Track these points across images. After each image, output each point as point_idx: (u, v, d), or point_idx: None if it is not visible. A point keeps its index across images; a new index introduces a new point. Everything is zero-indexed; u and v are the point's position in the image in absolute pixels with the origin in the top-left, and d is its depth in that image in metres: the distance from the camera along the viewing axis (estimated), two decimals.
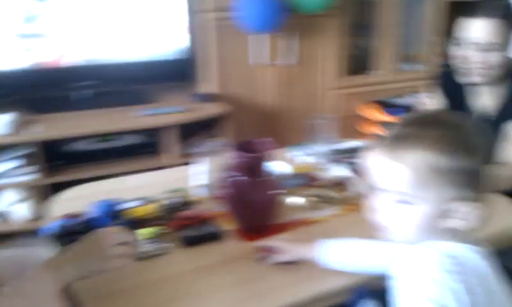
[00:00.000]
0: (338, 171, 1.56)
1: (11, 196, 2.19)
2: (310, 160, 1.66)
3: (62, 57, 2.36)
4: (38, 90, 2.42)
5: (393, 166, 0.79)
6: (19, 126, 2.13)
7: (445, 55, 1.81)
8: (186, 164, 1.54)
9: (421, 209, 0.79)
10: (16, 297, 0.80)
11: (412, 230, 0.82)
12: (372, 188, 0.85)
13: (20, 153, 2.17)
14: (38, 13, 2.24)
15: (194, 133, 2.57)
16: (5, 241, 2.18)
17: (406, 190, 0.79)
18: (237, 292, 1.02)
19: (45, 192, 2.17)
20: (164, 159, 2.43)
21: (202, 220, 1.23)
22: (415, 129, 0.81)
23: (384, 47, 3.05)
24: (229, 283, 1.05)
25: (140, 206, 1.28)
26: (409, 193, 0.79)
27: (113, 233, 0.95)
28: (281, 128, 2.89)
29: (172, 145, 2.41)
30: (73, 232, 1.14)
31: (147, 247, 1.11)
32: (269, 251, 1.12)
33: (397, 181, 0.80)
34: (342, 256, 1.07)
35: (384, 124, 2.87)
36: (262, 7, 2.42)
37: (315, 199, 1.40)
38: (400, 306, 0.80)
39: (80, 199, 1.35)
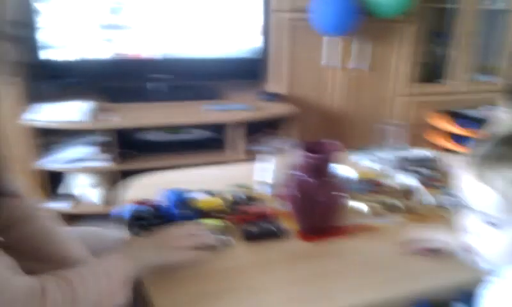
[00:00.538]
0: (404, 179, 1.53)
1: (84, 179, 2.33)
2: (375, 166, 1.64)
3: (141, 50, 2.48)
4: (116, 80, 2.56)
5: (482, 188, 0.77)
6: (97, 114, 2.26)
7: None
8: (251, 160, 1.57)
9: (510, 234, 0.76)
10: (101, 275, 0.85)
11: (500, 255, 0.79)
12: (463, 207, 0.82)
13: (95, 139, 2.30)
14: (122, 6, 2.36)
15: (260, 131, 2.61)
16: (76, 223, 2.32)
17: (495, 214, 0.76)
18: (293, 291, 1.03)
19: (115, 179, 2.29)
20: (229, 155, 2.49)
21: (264, 217, 1.25)
22: (506, 150, 0.77)
23: (460, 56, 2.94)
24: (287, 281, 1.07)
25: (205, 198, 1.33)
26: (497, 217, 0.76)
27: (188, 226, 1.04)
28: (347, 131, 2.86)
29: (238, 141, 2.46)
30: (142, 218, 1.20)
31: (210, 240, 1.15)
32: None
33: (486, 204, 0.77)
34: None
35: (456, 136, 2.77)
36: (338, 9, 2.41)
37: (378, 205, 1.38)
38: None
39: (149, 187, 1.41)
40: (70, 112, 2.19)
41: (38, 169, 2.21)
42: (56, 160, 2.23)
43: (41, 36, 2.28)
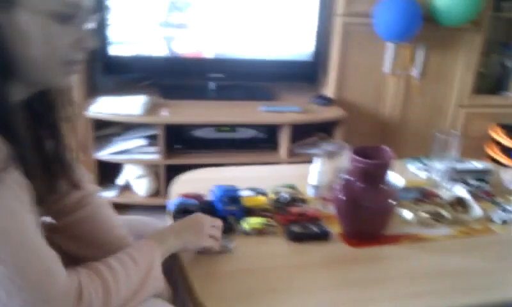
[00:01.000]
0: (457, 190, 1.48)
1: (132, 171, 2.41)
2: (426, 175, 1.60)
3: (197, 49, 2.53)
4: (171, 77, 2.63)
5: None
6: (150, 108, 2.34)
7: None
8: (299, 162, 1.57)
9: None
10: (132, 265, 0.87)
11: None
12: None
13: (147, 133, 2.38)
14: (181, 5, 2.43)
15: (311, 133, 2.61)
16: (122, 212, 2.41)
17: None
18: (335, 295, 1.03)
19: (163, 172, 2.36)
20: (278, 155, 2.50)
21: (310, 219, 1.25)
22: None
23: None
24: (329, 284, 1.06)
25: (252, 196, 1.34)
26: None
27: (209, 219, 1.08)
28: (399, 139, 2.81)
29: (286, 142, 2.47)
30: (187, 210, 1.23)
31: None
32: None
33: None
34: None
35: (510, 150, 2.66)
36: (402, 16, 2.38)
37: (425, 215, 1.35)
38: None
39: (197, 182, 1.45)
40: (126, 106, 2.27)
41: (93, 159, 2.31)
42: (109, 151, 2.32)
43: (109, 32, 2.38)
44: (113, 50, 2.43)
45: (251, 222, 1.20)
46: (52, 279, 0.72)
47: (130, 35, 2.43)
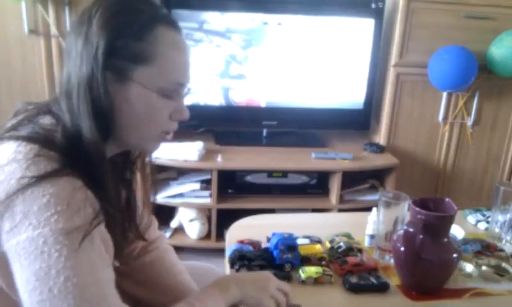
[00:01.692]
0: None
1: (186, 213, 2.47)
2: (486, 226, 1.56)
3: (249, 98, 2.62)
4: (225, 124, 2.71)
5: None
6: (205, 154, 2.42)
7: None
8: (349, 209, 1.57)
9: None
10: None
11: None
12: None
13: (201, 177, 2.45)
14: (241, 59, 2.53)
15: (360, 180, 2.60)
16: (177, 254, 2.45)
17: None
18: None
19: (215, 216, 2.41)
20: (328, 201, 2.50)
21: (368, 269, 1.24)
22: None
23: None
24: None
25: (308, 244, 1.35)
26: None
27: (276, 280, 1.03)
28: (452, 189, 2.75)
29: (337, 189, 2.47)
30: (244, 257, 1.24)
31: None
32: None
33: None
34: None
35: None
36: (455, 67, 2.38)
37: (489, 269, 1.30)
38: None
39: (252, 228, 1.47)
40: (182, 151, 2.37)
41: (153, 202, 2.38)
42: (165, 194, 2.40)
43: None
44: None
45: (307, 271, 1.21)
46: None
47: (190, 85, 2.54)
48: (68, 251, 0.69)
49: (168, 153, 2.35)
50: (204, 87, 2.57)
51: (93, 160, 0.77)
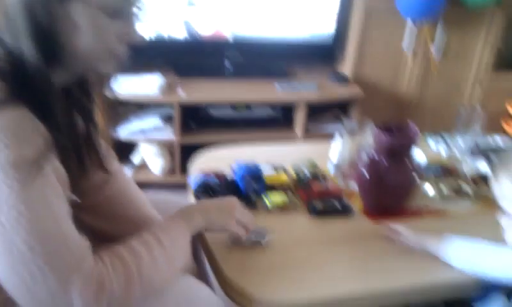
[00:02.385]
0: (478, 166, 1.47)
1: (149, 149, 2.42)
2: (448, 151, 1.59)
3: (213, 29, 2.51)
4: (188, 57, 2.60)
5: None
6: (166, 87, 2.34)
7: None
8: (316, 139, 1.57)
9: None
10: (157, 246, 0.84)
11: None
12: None
13: (163, 112, 2.38)
14: None
15: (328, 111, 2.60)
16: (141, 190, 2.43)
17: None
18: (356, 267, 1.04)
19: (178, 151, 2.37)
20: (293, 133, 2.50)
21: (331, 195, 1.26)
22: None
23: None
24: (350, 257, 1.07)
25: (271, 173, 1.34)
26: None
27: (240, 205, 1.03)
28: (417, 116, 2.79)
29: (302, 121, 2.46)
30: (209, 188, 1.23)
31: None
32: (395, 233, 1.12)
33: None
34: (470, 257, 1.02)
35: None
36: None
37: (446, 190, 1.34)
38: None
39: (217, 159, 1.45)
40: (142, 85, 2.28)
41: (111, 137, 2.32)
42: (125, 130, 2.34)
43: None
44: None
45: (273, 200, 1.21)
46: (77, 269, 0.71)
47: (148, 17, 2.40)
48: (19, 185, 0.67)
49: (127, 87, 2.26)
50: (164, 18, 2.44)
51: (40, 87, 0.73)
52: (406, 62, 2.70)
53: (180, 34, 2.48)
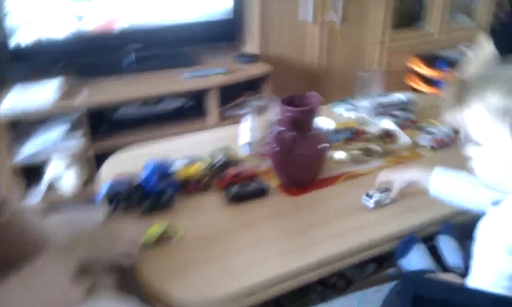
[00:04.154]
0: (384, 124, 1.53)
1: (58, 163, 2.27)
2: (355, 114, 1.64)
3: (107, 22, 2.38)
4: (83, 55, 2.43)
5: (469, 111, 0.80)
6: (65, 93, 2.18)
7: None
8: (232, 124, 1.55)
9: (500, 151, 0.78)
10: (20, 290, 0.78)
11: (490, 172, 0.82)
12: (465, 140, 0.84)
13: (66, 119, 2.23)
14: None
15: (240, 93, 2.57)
16: (58, 207, 2.28)
17: (484, 133, 0.79)
18: (283, 244, 1.04)
19: (92, 159, 2.25)
20: (209, 120, 2.46)
21: (247, 178, 1.24)
22: (485, 72, 0.81)
23: None
24: (275, 236, 1.08)
25: (187, 165, 1.30)
26: (487, 136, 0.79)
27: (125, 229, 0.98)
28: (326, 85, 2.85)
29: (215, 107, 2.43)
30: (120, 193, 1.17)
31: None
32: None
33: (474, 126, 0.80)
34: (453, 187, 1.06)
35: (433, 79, 2.78)
36: None
37: (357, 152, 1.38)
38: (479, 247, 0.81)
39: (129, 161, 1.39)
40: (40, 96, 2.12)
41: (13, 163, 2.14)
42: (31, 148, 2.17)
43: (8, 20, 2.17)
44: (17, 38, 2.23)
45: (148, 235, 1.05)
46: None
47: (33, 18, 2.23)
48: None
49: (23, 101, 2.09)
50: (51, 17, 2.27)
51: None
52: (310, 33, 2.73)
53: (70, 33, 2.32)
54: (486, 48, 1.63)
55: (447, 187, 1.07)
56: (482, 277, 0.79)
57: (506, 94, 0.75)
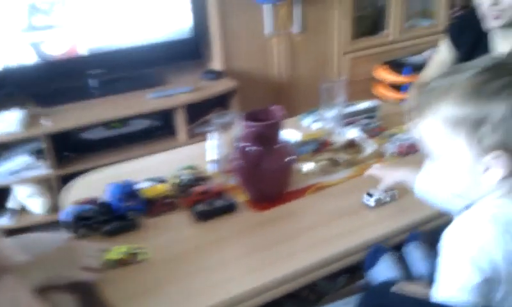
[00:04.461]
0: (351, 133, 1.53)
1: (25, 191, 2.21)
2: (322, 125, 1.64)
3: (68, 49, 2.34)
4: (45, 83, 2.39)
5: (426, 123, 0.78)
6: (28, 121, 2.14)
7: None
8: (200, 142, 1.53)
9: (459, 162, 0.77)
10: None
11: (463, 185, 0.79)
12: (426, 153, 0.83)
13: (31, 147, 2.18)
14: (45, 7, 2.21)
15: (207, 111, 2.55)
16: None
17: (441, 145, 0.77)
18: (252, 261, 1.03)
19: (60, 185, 2.19)
20: (177, 140, 2.43)
21: (214, 195, 1.22)
22: (439, 83, 0.78)
23: (396, 4, 2.96)
24: (244, 253, 1.06)
25: (152, 186, 1.28)
26: (444, 147, 0.77)
27: (84, 246, 0.99)
28: (292, 98, 2.85)
29: (184, 125, 2.41)
30: (85, 217, 1.14)
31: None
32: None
33: (431, 138, 0.78)
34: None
35: (400, 85, 2.83)
36: None
37: (325, 163, 1.38)
38: (443, 257, 0.78)
39: (95, 185, 1.35)
40: (1, 125, 2.07)
41: None
42: None
43: None
44: None
45: (112, 254, 1.02)
46: None
47: None
48: None
49: None
50: (10, 46, 2.22)
51: None
52: (271, 46, 2.75)
53: (31, 60, 2.27)
54: (443, 52, 1.66)
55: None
56: (446, 288, 0.77)
57: (460, 103, 0.73)
